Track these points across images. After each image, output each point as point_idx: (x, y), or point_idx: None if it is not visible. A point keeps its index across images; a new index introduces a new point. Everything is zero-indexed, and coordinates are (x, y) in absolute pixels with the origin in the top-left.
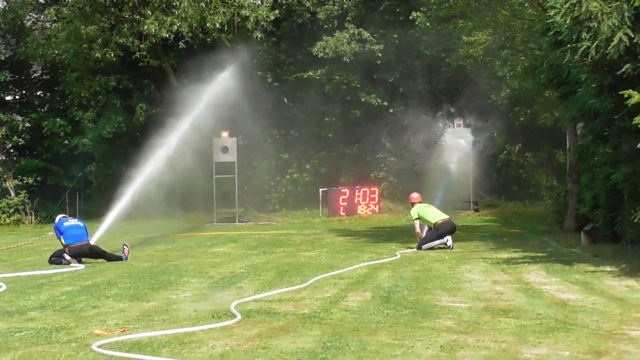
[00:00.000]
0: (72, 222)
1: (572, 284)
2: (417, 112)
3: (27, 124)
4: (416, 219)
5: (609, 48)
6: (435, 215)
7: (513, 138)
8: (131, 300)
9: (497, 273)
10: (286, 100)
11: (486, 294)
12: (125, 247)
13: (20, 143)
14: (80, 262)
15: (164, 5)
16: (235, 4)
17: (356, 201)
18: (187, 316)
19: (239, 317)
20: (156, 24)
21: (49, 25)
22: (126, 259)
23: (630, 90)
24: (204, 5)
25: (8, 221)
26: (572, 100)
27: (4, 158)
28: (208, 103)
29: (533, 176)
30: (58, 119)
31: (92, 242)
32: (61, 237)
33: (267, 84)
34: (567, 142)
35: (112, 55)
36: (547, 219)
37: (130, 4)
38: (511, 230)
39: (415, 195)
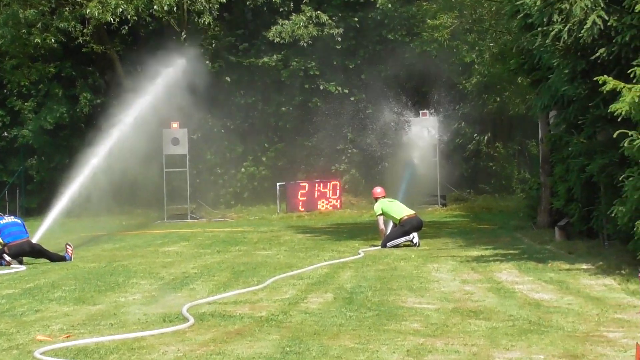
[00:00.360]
0: (9, 219)
1: (546, 283)
2: (379, 100)
3: None
4: (380, 214)
5: (582, 31)
6: (400, 210)
7: (482, 127)
8: (76, 303)
9: (466, 272)
10: (240, 89)
11: (455, 294)
12: (68, 246)
13: None
14: (21, 262)
15: None
16: None
17: (316, 196)
18: (136, 320)
19: (191, 320)
20: (99, 7)
21: None
22: (70, 259)
23: (605, 76)
24: None
25: None
26: (543, 87)
27: None
28: (156, 92)
29: (504, 168)
30: None
31: (34, 241)
32: None
33: (219, 71)
34: (540, 131)
35: (53, 40)
36: (519, 214)
37: None
38: (481, 226)
39: (378, 190)
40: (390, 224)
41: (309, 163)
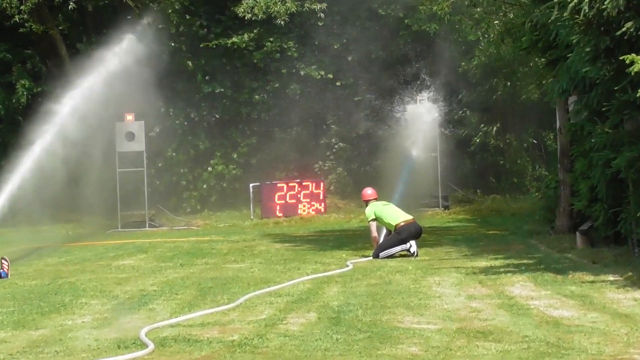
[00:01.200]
0: None
1: (566, 298)
2: (370, 86)
3: None
4: (372, 220)
5: (606, 3)
6: (396, 215)
7: (490, 117)
8: (15, 327)
9: (473, 286)
10: (205, 75)
11: (460, 312)
12: (3, 261)
13: None
14: None
15: None
16: None
17: (296, 199)
18: (86, 347)
19: (151, 346)
20: None
21: None
22: (6, 276)
23: (633, 55)
24: None
25: None
26: (561, 68)
27: None
28: (108, 78)
29: (516, 164)
30: None
31: None
32: None
33: (182, 54)
34: (557, 120)
35: None
36: (534, 217)
37: None
38: (490, 232)
39: (369, 191)
40: (384, 231)
41: (287, 160)
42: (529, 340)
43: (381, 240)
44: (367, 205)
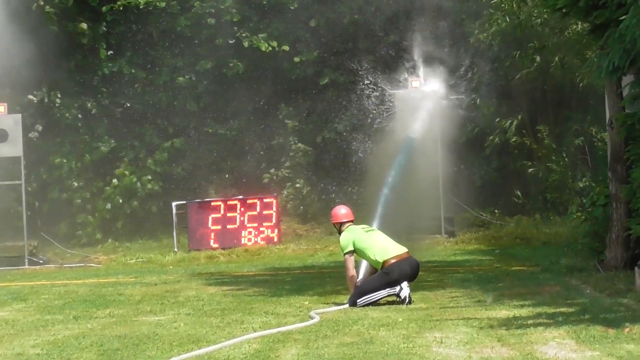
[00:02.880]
0: None
1: None
2: (342, 62)
3: None
4: (349, 252)
5: None
6: (383, 247)
7: (512, 106)
8: None
9: (489, 344)
10: (108, 49)
11: None
12: None
13: None
14: None
15: None
16: None
17: (239, 223)
18: None
19: None
20: None
21: None
22: None
23: None
24: None
25: None
26: (612, 36)
27: None
28: None
29: (550, 171)
30: None
31: None
32: None
33: (73, 17)
34: (607, 110)
35: None
36: (576, 247)
37: None
38: (513, 269)
39: (342, 211)
40: (364, 266)
41: (225, 168)
42: None
43: (361, 277)
44: (340, 232)
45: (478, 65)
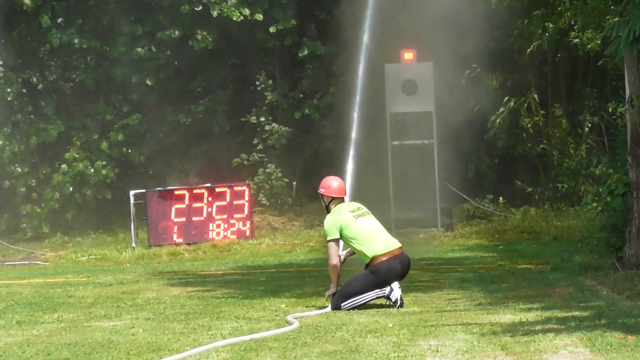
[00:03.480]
0: None
1: None
2: (322, 31)
3: None
4: (333, 239)
5: None
6: (374, 239)
7: (518, 81)
8: None
9: (492, 353)
10: (55, 16)
11: None
12: None
13: None
14: None
15: None
16: None
17: (206, 214)
18: None
19: None
20: None
21: None
22: None
23: None
24: None
25: None
26: (632, 1)
27: None
28: None
29: (561, 156)
30: None
31: None
32: None
33: None
34: (627, 86)
35: None
36: (592, 242)
37: None
38: (520, 267)
39: (334, 184)
40: (348, 249)
41: (190, 153)
42: None
43: (344, 255)
44: (327, 207)
45: (477, 36)
